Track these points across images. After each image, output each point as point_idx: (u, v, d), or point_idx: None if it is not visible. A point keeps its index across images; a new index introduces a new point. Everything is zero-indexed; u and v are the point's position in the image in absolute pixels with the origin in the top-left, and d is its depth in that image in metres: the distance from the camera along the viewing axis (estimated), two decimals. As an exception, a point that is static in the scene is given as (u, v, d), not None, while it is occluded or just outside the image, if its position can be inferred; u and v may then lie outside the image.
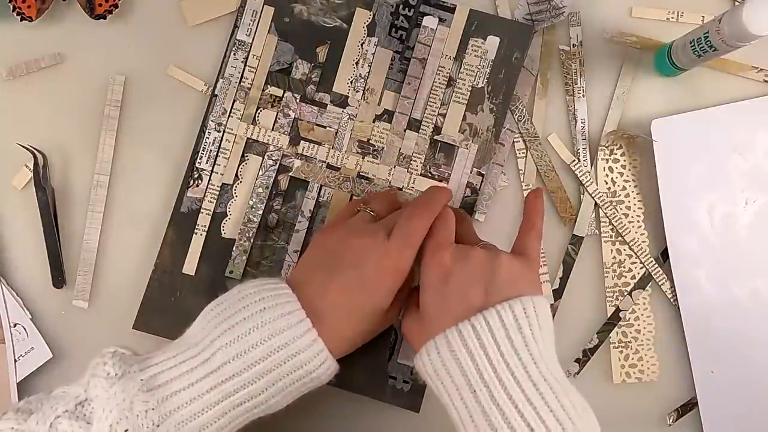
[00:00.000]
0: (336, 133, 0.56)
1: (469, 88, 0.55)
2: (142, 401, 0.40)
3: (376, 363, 0.54)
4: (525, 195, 0.53)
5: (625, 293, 0.56)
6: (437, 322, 0.42)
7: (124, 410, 0.40)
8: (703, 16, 0.57)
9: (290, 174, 0.55)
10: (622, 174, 0.56)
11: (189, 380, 0.41)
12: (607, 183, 0.56)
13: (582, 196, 0.56)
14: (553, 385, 0.40)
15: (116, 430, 0.39)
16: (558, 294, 0.56)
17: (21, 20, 0.55)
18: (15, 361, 0.55)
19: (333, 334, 0.44)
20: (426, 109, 0.56)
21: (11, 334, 0.55)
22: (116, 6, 0.56)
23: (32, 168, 0.56)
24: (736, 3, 0.57)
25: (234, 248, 0.55)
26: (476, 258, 0.44)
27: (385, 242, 0.46)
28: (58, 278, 0.56)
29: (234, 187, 0.56)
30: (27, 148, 0.56)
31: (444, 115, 0.56)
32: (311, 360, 0.43)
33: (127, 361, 0.42)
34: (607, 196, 0.56)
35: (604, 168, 0.56)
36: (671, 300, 0.56)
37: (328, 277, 0.45)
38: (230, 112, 0.56)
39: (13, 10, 0.55)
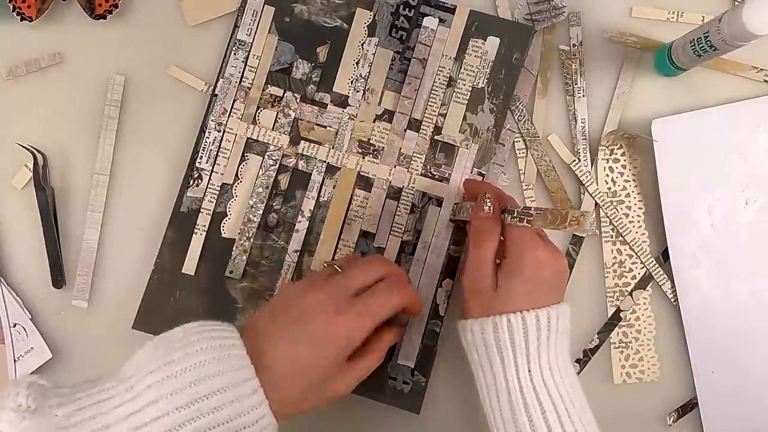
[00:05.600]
0: (336, 133, 0.56)
1: (470, 89, 0.55)
2: None
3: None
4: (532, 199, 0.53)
5: (626, 293, 0.56)
6: (508, 303, 0.45)
7: None
8: (703, 16, 0.57)
9: (291, 167, 0.55)
10: (622, 174, 0.56)
11: (113, 417, 0.37)
12: (607, 183, 0.56)
13: (582, 196, 0.56)
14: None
15: None
16: (558, 294, 0.56)
17: (21, 20, 0.55)
18: (15, 361, 0.55)
19: (278, 389, 0.41)
20: (426, 109, 0.56)
21: (11, 334, 0.55)
22: (116, 6, 0.56)
23: (32, 168, 0.56)
24: (736, 3, 0.57)
25: (234, 248, 0.55)
26: (561, 263, 0.47)
27: (343, 301, 0.44)
28: (58, 278, 0.56)
29: (234, 187, 0.56)
30: (27, 148, 0.56)
31: (444, 115, 0.55)
32: (249, 412, 0.39)
33: (46, 394, 0.37)
34: (608, 196, 0.56)
35: (605, 168, 0.56)
36: (671, 300, 0.56)
37: (280, 329, 0.43)
38: (230, 111, 0.56)
39: (13, 10, 0.55)
